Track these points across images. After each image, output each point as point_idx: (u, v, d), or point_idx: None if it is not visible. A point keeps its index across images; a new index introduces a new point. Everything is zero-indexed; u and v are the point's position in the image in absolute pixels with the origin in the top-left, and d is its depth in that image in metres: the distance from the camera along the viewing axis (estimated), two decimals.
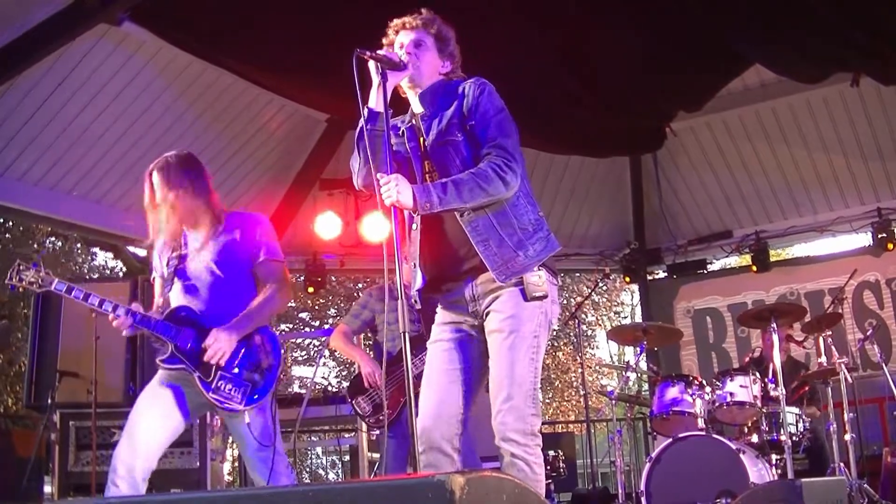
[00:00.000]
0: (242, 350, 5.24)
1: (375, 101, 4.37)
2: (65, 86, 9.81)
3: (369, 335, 8.40)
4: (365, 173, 4.46)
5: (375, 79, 4.35)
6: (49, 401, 7.90)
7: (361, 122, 4.39)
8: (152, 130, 10.64)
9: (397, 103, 4.58)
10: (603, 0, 9.65)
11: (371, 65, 4.35)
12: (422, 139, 4.56)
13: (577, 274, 25.97)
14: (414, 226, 4.55)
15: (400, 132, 4.64)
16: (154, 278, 5.67)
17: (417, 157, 4.57)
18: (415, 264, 4.58)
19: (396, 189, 4.14)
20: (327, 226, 12.30)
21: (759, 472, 7.26)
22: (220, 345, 5.11)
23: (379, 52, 4.38)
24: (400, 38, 4.59)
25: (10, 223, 21.67)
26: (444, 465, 4.37)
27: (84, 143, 10.45)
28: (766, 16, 9.26)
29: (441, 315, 4.68)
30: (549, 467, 9.23)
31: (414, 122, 4.64)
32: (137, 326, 5.22)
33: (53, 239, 23.13)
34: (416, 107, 4.64)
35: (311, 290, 13.72)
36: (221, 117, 11.42)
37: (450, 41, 4.68)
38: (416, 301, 4.63)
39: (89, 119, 10.27)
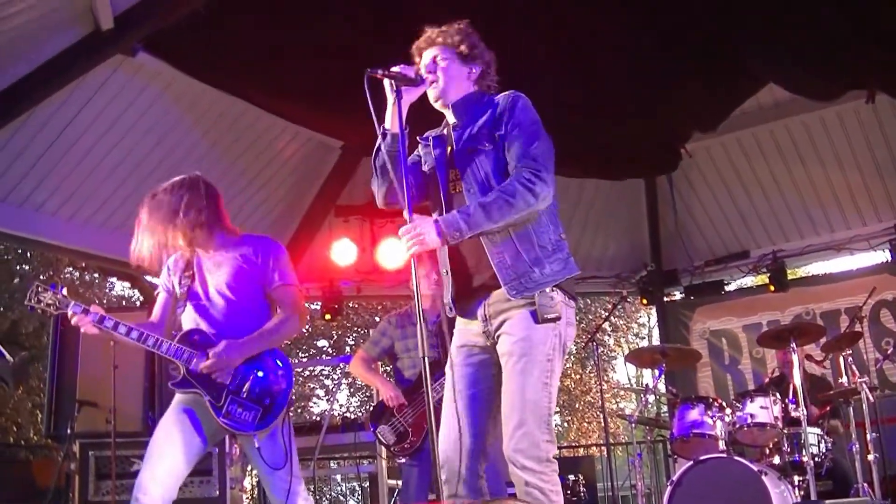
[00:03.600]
0: (254, 373, 5.22)
1: (391, 121, 4.33)
2: (81, 117, 9.86)
3: (388, 362, 8.38)
4: (385, 191, 4.46)
5: (390, 97, 4.30)
6: (68, 430, 7.90)
7: (378, 142, 4.35)
8: (168, 160, 10.68)
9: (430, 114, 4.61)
10: (616, 22, 9.68)
11: (385, 83, 4.31)
12: (449, 148, 4.52)
13: (595, 298, 25.89)
14: None
15: (429, 142, 4.62)
16: (158, 293, 5.67)
17: (442, 164, 4.51)
18: (446, 271, 4.51)
19: (419, 237, 4.09)
20: (343, 253, 12.29)
21: (781, 494, 7.21)
22: (223, 357, 5.10)
23: (393, 69, 4.33)
24: (423, 59, 4.56)
25: (29, 254, 21.75)
26: (466, 491, 4.29)
27: (100, 174, 10.50)
28: (780, 34, 9.27)
29: (457, 337, 4.58)
30: (569, 491, 9.20)
31: (445, 131, 4.61)
32: (151, 349, 5.22)
33: (71, 269, 23.19)
34: (450, 118, 4.60)
35: (328, 317, 13.70)
36: (236, 145, 11.46)
37: (473, 46, 4.61)
38: (450, 309, 4.56)
39: (105, 149, 10.32)
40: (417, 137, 4.70)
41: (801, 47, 9.43)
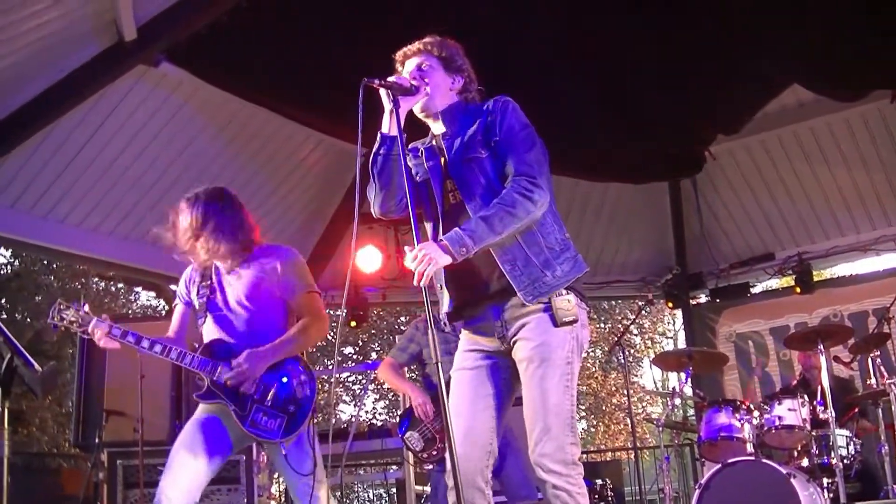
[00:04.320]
0: (277, 382, 5.22)
1: (388, 126, 4.31)
2: (104, 128, 9.91)
3: (416, 368, 8.36)
4: (382, 198, 4.43)
5: (387, 105, 4.29)
6: (96, 440, 7.93)
7: (374, 148, 4.35)
8: (191, 169, 10.72)
9: (416, 129, 4.58)
10: (638, 27, 9.67)
11: (382, 93, 4.30)
12: (443, 159, 4.49)
13: (620, 302, 25.81)
14: None
15: (419, 153, 4.58)
16: (175, 305, 5.68)
17: (437, 175, 4.48)
18: (441, 285, 4.50)
19: (427, 257, 4.03)
20: (368, 259, 12.32)
21: (810, 496, 7.16)
22: (245, 367, 5.10)
23: (389, 78, 4.31)
24: (406, 67, 4.56)
25: (55, 265, 21.90)
26: (477, 499, 4.27)
27: (124, 184, 10.54)
28: (803, 35, 9.24)
29: (464, 341, 4.56)
30: (596, 496, 9.17)
31: (434, 142, 4.57)
32: (175, 361, 5.23)
33: (97, 279, 23.32)
34: (437, 128, 4.57)
35: (353, 324, 13.72)
36: (259, 154, 11.50)
37: (456, 57, 4.59)
38: (445, 324, 4.56)
39: (129, 160, 10.36)
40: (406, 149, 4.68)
41: (824, 48, 9.40)
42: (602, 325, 30.02)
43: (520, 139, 4.33)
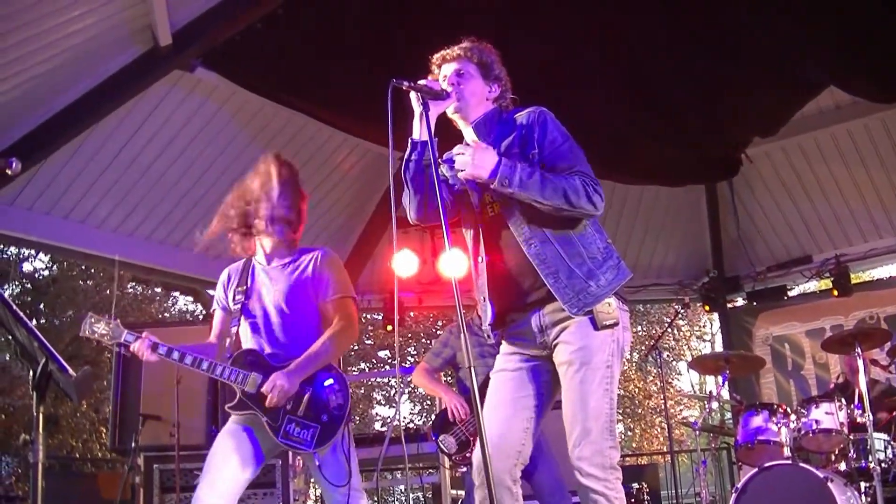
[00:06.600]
0: (309, 391, 5.19)
1: (418, 132, 4.29)
2: (140, 133, 9.98)
3: (451, 372, 8.36)
4: (417, 204, 4.39)
5: (417, 109, 4.27)
6: (133, 444, 7.96)
7: (406, 154, 4.32)
8: (227, 174, 10.75)
9: (448, 135, 4.56)
10: (673, 29, 9.64)
11: (412, 95, 4.27)
12: None
13: (655, 305, 25.73)
14: (480, 258, 4.44)
15: (454, 163, 4.50)
16: (214, 310, 5.66)
17: (475, 187, 4.44)
18: (484, 297, 4.48)
19: (475, 161, 4.07)
20: (404, 264, 12.30)
21: (847, 500, 7.11)
22: (278, 390, 5.07)
23: (419, 81, 4.30)
24: (443, 70, 4.53)
25: (93, 269, 22.03)
26: (505, 499, 4.25)
27: (160, 189, 10.61)
28: (838, 37, 9.19)
29: (505, 345, 4.55)
30: (633, 500, 9.13)
31: None
32: (205, 373, 5.22)
33: (134, 284, 23.44)
34: (471, 137, 4.53)
35: (389, 328, 13.73)
36: (295, 159, 11.33)
37: (493, 65, 4.57)
38: (488, 336, 4.55)
39: (165, 165, 10.42)
40: (440, 159, 4.61)
41: (860, 50, 9.34)
42: (638, 329, 29.95)
43: (564, 152, 4.32)
